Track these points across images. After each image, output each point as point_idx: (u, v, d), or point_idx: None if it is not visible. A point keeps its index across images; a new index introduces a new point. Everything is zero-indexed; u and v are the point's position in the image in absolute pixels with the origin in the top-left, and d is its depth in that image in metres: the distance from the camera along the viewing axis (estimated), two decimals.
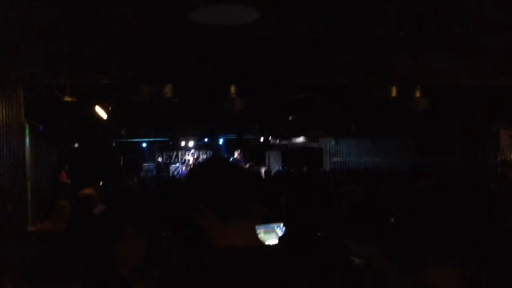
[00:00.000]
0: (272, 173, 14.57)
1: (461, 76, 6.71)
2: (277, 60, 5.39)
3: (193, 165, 16.78)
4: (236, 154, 17.90)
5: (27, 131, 6.53)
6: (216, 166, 1.59)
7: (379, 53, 5.05)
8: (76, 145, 15.58)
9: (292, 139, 18.82)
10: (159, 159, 19.34)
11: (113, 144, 16.94)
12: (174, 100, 6.26)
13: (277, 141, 19.34)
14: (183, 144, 19.27)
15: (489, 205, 5.76)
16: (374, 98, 7.45)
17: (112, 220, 2.39)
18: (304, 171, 14.80)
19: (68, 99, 6.10)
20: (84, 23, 3.62)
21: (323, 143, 19.00)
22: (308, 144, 19.16)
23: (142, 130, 15.03)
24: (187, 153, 19.97)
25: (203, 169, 1.62)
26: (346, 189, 8.18)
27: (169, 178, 15.05)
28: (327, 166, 17.96)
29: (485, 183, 8.64)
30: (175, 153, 20.15)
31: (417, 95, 7.18)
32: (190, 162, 18.44)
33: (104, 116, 8.74)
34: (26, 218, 5.84)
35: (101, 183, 12.37)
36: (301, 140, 19.09)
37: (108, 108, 8.66)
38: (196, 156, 19.74)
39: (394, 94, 6.91)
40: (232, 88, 6.43)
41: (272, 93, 8.22)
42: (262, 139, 19.00)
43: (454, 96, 8.46)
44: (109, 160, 16.56)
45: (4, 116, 4.57)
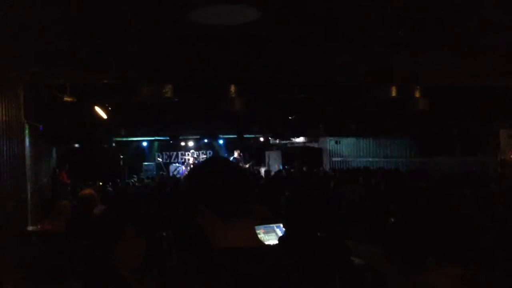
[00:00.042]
0: (272, 173, 14.56)
1: (461, 76, 6.71)
2: (277, 60, 5.39)
3: (193, 165, 16.81)
4: (236, 154, 17.90)
5: (27, 131, 6.53)
6: (216, 166, 1.60)
7: (379, 53, 5.05)
8: (76, 145, 15.57)
9: (292, 139, 18.83)
10: (159, 159, 19.34)
11: (113, 144, 16.93)
12: (174, 100, 6.26)
13: (277, 141, 19.34)
14: (183, 144, 19.27)
15: (489, 205, 5.76)
16: (374, 98, 7.45)
17: (112, 220, 2.38)
18: (304, 171, 14.79)
19: (68, 99, 6.11)
20: (84, 23, 3.62)
21: (323, 143, 19.00)
22: (308, 144, 19.16)
23: (142, 130, 15.03)
24: (187, 153, 19.97)
25: (203, 169, 1.63)
26: (346, 189, 8.19)
27: (169, 178, 15.05)
28: (327, 166, 17.95)
29: (485, 183, 8.64)
30: (175, 153, 20.14)
31: (417, 95, 7.18)
32: (190, 162, 18.44)
33: (104, 116, 8.74)
34: (26, 218, 5.84)
35: (101, 183, 12.38)
36: (301, 140, 19.09)
37: (108, 108, 8.66)
38: (196, 156, 19.74)
39: (394, 94, 6.90)
40: (232, 88, 6.43)
41: (272, 93, 8.23)
42: (262, 139, 19.00)
43: (454, 96, 8.46)
44: (109, 160, 16.55)
45: (4, 116, 4.57)
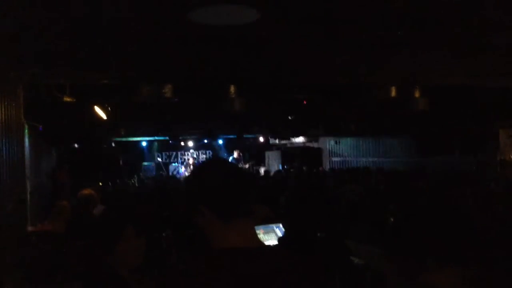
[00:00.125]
0: (272, 173, 14.55)
1: (461, 76, 6.71)
2: (277, 60, 5.39)
3: (193, 166, 16.81)
4: (236, 154, 17.89)
5: (27, 131, 6.53)
6: (215, 167, 1.61)
7: (379, 53, 5.04)
8: (76, 145, 15.56)
9: (292, 139, 18.82)
10: (159, 159, 19.33)
11: (113, 144, 16.92)
12: (174, 100, 6.26)
13: (277, 141, 19.33)
14: (183, 144, 19.27)
15: (489, 205, 5.76)
16: (374, 98, 7.45)
17: (112, 220, 2.38)
18: (304, 171, 14.78)
19: (68, 99, 6.11)
20: (84, 23, 3.62)
21: (323, 143, 18.99)
22: (308, 144, 19.15)
23: (142, 130, 15.02)
24: (187, 153, 19.96)
25: (202, 170, 1.64)
26: (346, 189, 8.19)
27: (169, 178, 15.04)
28: (327, 166, 17.94)
29: (485, 183, 8.64)
30: (175, 153, 20.14)
31: (417, 95, 7.18)
32: (190, 162, 18.43)
33: (104, 116, 8.74)
34: (26, 218, 5.84)
35: (101, 183, 12.36)
36: (301, 140, 19.08)
37: (108, 108, 8.66)
38: (196, 156, 19.74)
39: (394, 94, 6.91)
40: (232, 88, 6.42)
41: (272, 93, 8.23)
42: (262, 139, 19.00)
43: (454, 96, 8.46)
44: (109, 160, 16.54)
45: (4, 117, 4.57)
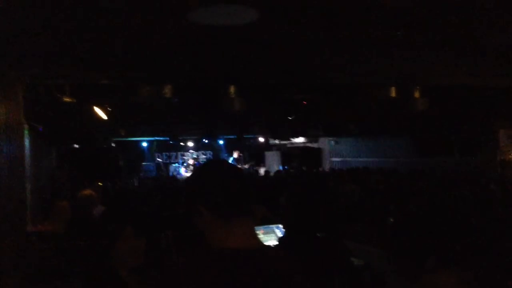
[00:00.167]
0: (272, 173, 14.55)
1: (461, 76, 6.70)
2: (277, 60, 5.39)
3: (194, 167, 16.82)
4: (236, 154, 17.89)
5: (27, 132, 6.53)
6: (212, 167, 1.63)
7: (379, 53, 5.04)
8: (76, 146, 15.56)
9: (292, 139, 18.82)
10: (159, 159, 19.33)
11: (113, 145, 16.91)
12: (174, 101, 6.26)
13: (277, 141, 19.33)
14: (183, 144, 19.27)
15: (489, 206, 5.77)
16: (374, 98, 7.45)
17: (112, 221, 2.39)
18: (304, 171, 14.79)
19: (68, 100, 6.11)
20: (84, 23, 3.62)
21: (323, 143, 18.99)
22: (308, 144, 19.15)
23: (142, 130, 15.02)
24: (187, 154, 19.96)
25: (202, 170, 1.66)
26: (346, 190, 8.20)
27: (168, 178, 15.04)
28: (327, 166, 17.94)
29: (485, 183, 8.64)
30: (175, 153, 20.14)
31: (417, 95, 7.17)
32: (190, 163, 18.42)
33: (104, 117, 8.74)
34: (26, 219, 5.84)
35: (101, 184, 12.36)
36: (301, 140, 19.08)
37: (108, 109, 8.66)
38: (196, 156, 19.74)
39: (394, 94, 6.90)
40: (232, 88, 6.42)
41: (272, 93, 8.22)
42: (262, 139, 18.99)
43: (454, 96, 8.45)
44: (109, 161, 16.54)
45: (4, 117, 4.57)
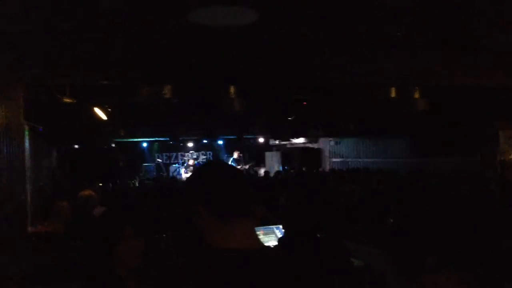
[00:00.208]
0: (272, 174, 14.55)
1: (461, 76, 6.71)
2: (277, 60, 5.39)
3: (194, 168, 16.81)
4: (236, 155, 17.88)
5: (27, 132, 6.53)
6: (213, 168, 1.63)
7: (379, 53, 5.05)
8: (76, 146, 15.57)
9: (292, 140, 18.82)
10: (159, 160, 19.32)
11: (113, 145, 16.91)
12: (174, 101, 6.25)
13: (277, 142, 19.32)
14: (183, 145, 19.26)
15: (489, 206, 5.76)
16: (374, 99, 7.45)
17: (111, 221, 2.39)
18: (304, 172, 14.79)
19: (68, 100, 6.10)
20: (84, 24, 3.62)
21: (323, 144, 18.99)
22: (308, 145, 19.15)
23: (142, 131, 15.02)
24: (187, 154, 19.95)
25: (201, 171, 1.66)
26: (346, 189, 8.19)
27: (168, 179, 15.05)
28: (327, 167, 17.94)
29: (485, 183, 8.63)
30: (175, 154, 20.13)
31: (417, 96, 7.17)
32: (190, 163, 18.41)
33: (104, 117, 8.74)
34: (26, 219, 5.84)
35: (101, 184, 12.36)
36: (301, 141, 19.09)
37: (108, 109, 8.66)
38: (196, 157, 19.73)
39: (394, 94, 6.90)
40: (232, 88, 6.42)
41: (272, 94, 8.22)
42: (262, 140, 18.99)
43: (454, 96, 8.45)
44: (109, 161, 16.53)
45: (4, 118, 4.57)
